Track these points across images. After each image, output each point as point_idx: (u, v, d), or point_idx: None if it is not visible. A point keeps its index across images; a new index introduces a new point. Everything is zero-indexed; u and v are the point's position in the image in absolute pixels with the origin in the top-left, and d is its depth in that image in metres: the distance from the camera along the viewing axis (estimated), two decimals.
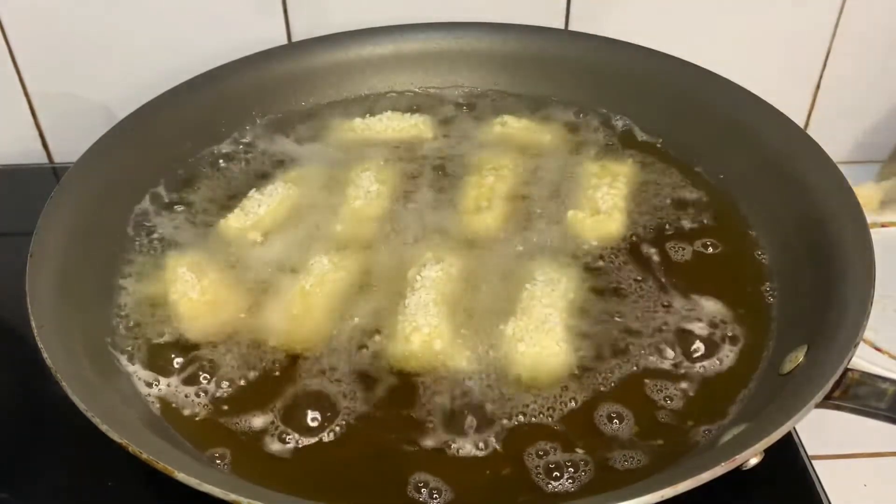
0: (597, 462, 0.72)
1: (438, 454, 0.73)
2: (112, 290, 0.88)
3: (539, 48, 1.13)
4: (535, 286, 0.85)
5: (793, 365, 0.75)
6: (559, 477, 0.71)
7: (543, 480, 0.71)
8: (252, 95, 1.09)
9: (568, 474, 0.71)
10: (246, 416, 0.77)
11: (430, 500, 0.70)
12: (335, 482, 0.72)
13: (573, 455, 0.73)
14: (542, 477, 0.71)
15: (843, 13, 1.16)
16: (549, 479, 0.71)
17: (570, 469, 0.72)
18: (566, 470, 0.72)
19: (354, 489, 0.72)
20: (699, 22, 1.17)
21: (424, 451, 0.73)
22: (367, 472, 0.73)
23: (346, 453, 0.74)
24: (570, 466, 0.72)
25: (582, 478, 0.71)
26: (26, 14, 1.12)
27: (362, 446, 0.75)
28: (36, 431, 0.84)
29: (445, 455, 0.73)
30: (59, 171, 1.21)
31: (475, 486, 0.71)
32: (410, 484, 0.71)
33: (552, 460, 0.72)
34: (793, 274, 0.87)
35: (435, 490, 0.71)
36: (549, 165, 1.03)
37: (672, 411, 0.77)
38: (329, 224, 0.95)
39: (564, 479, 0.71)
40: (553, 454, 0.73)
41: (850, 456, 0.89)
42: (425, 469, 0.72)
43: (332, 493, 0.70)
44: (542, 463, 0.72)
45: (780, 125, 0.96)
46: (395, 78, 1.15)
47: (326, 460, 0.74)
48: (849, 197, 0.85)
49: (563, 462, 0.72)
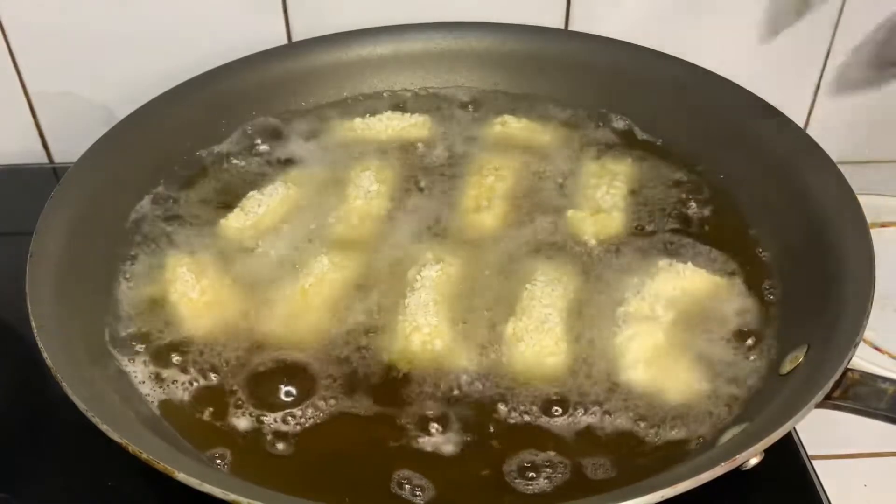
0: (591, 462, 0.72)
1: (433, 453, 0.73)
2: (112, 289, 0.88)
3: (539, 48, 1.13)
4: (535, 286, 0.85)
5: (793, 365, 0.75)
6: (549, 479, 0.71)
7: (540, 481, 0.71)
8: (252, 95, 1.09)
9: (559, 475, 0.71)
10: (246, 416, 0.77)
11: (413, 497, 0.70)
12: (331, 480, 0.72)
13: (573, 454, 0.73)
14: (537, 478, 0.71)
15: (843, 13, 1.16)
16: (537, 480, 0.71)
17: (561, 469, 0.72)
18: (557, 470, 0.72)
19: (344, 485, 0.72)
20: (699, 22, 1.17)
21: (422, 451, 0.73)
22: (356, 469, 0.73)
23: (343, 451, 0.74)
24: (560, 467, 0.72)
25: (575, 477, 0.71)
26: (26, 14, 1.12)
27: (357, 444, 0.75)
28: (36, 431, 0.84)
29: (443, 455, 0.73)
30: (59, 171, 1.21)
31: (463, 485, 0.72)
32: (394, 480, 0.71)
33: (551, 461, 0.72)
34: (793, 274, 0.87)
35: (418, 487, 0.71)
36: (549, 165, 1.03)
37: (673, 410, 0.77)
38: (329, 224, 0.95)
39: (554, 479, 0.71)
40: (553, 454, 0.73)
41: (850, 456, 0.89)
42: (414, 467, 0.72)
43: (327, 491, 0.70)
44: (542, 462, 0.72)
45: (780, 125, 0.96)
46: (395, 78, 1.15)
47: (323, 459, 0.74)
48: (849, 197, 0.84)
49: (553, 461, 0.72)
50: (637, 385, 0.78)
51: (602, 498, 0.65)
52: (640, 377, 0.78)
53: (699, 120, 1.03)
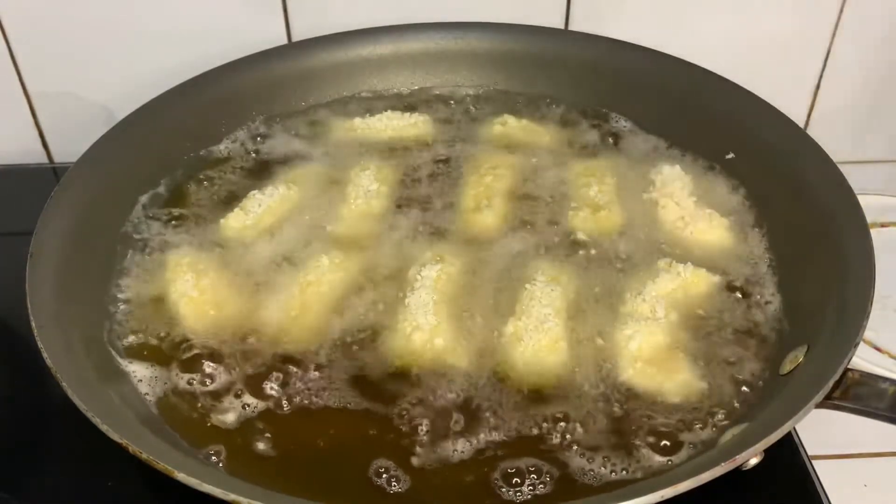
0: (592, 463, 0.72)
1: (429, 452, 0.73)
2: (112, 289, 0.88)
3: (539, 48, 1.13)
4: (534, 286, 0.85)
5: (793, 365, 0.75)
6: (549, 479, 0.71)
7: (532, 481, 0.71)
8: (252, 95, 1.09)
9: (559, 475, 0.71)
10: (245, 415, 0.77)
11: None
12: (330, 479, 0.73)
13: (570, 456, 0.73)
14: (531, 478, 0.71)
15: (843, 13, 1.16)
16: (537, 480, 0.71)
17: (561, 469, 0.72)
18: (557, 470, 0.72)
19: (337, 482, 0.72)
20: (699, 22, 1.17)
21: (419, 450, 0.73)
22: (353, 466, 0.73)
23: (342, 450, 0.75)
24: (560, 467, 0.72)
25: (574, 478, 0.71)
26: (26, 14, 1.12)
27: (357, 443, 0.75)
28: (36, 431, 0.84)
29: (439, 455, 0.73)
30: (59, 171, 1.21)
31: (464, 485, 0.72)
32: (380, 477, 0.71)
33: (545, 460, 0.72)
34: (793, 273, 0.87)
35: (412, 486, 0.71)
36: (549, 165, 1.03)
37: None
38: (329, 223, 0.95)
39: (555, 479, 0.71)
40: (550, 455, 0.73)
41: (850, 456, 0.89)
42: (409, 467, 0.72)
43: (325, 490, 0.71)
44: (539, 463, 0.72)
45: (780, 125, 0.96)
46: (395, 78, 1.15)
47: (322, 458, 0.74)
48: (849, 197, 0.85)
49: (554, 461, 0.72)
50: (637, 384, 0.78)
51: (602, 498, 0.65)
52: (639, 376, 0.78)
53: (699, 120, 1.03)
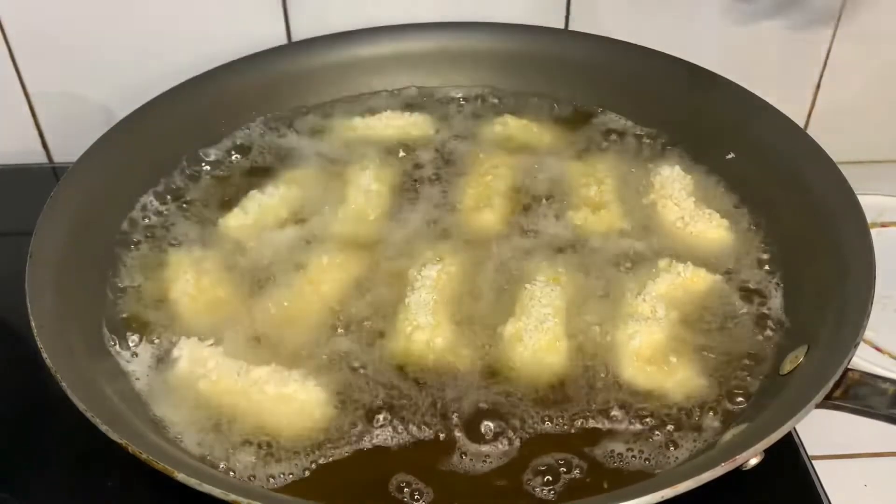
0: (593, 463, 0.72)
1: (431, 454, 0.73)
2: (112, 289, 0.88)
3: (539, 48, 1.13)
4: (534, 286, 0.85)
5: (793, 365, 0.75)
6: (553, 480, 0.71)
7: (537, 482, 0.71)
8: (252, 95, 1.09)
9: (563, 476, 0.71)
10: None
11: (412, 501, 0.70)
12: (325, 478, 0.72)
13: (569, 455, 0.73)
14: (536, 479, 0.71)
15: (842, 13, 1.16)
16: (541, 482, 0.71)
17: (564, 471, 0.72)
18: (560, 471, 0.72)
19: (340, 486, 0.72)
20: (699, 22, 1.17)
21: (420, 452, 0.74)
22: (354, 468, 0.73)
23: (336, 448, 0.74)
24: (563, 468, 0.72)
25: (577, 478, 0.71)
26: (26, 14, 1.12)
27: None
28: (36, 431, 0.84)
29: (437, 455, 0.73)
30: (59, 171, 1.21)
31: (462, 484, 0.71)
32: (392, 484, 0.71)
33: (548, 461, 0.72)
34: (793, 273, 0.87)
35: (416, 490, 0.71)
36: (549, 164, 1.03)
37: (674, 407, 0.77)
38: (329, 223, 0.95)
39: (559, 481, 0.71)
40: (549, 455, 0.73)
41: (850, 456, 0.89)
42: (410, 469, 0.72)
43: (324, 491, 0.70)
44: (538, 463, 0.72)
45: (781, 125, 0.96)
46: (395, 78, 1.15)
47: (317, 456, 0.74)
48: (849, 197, 0.84)
49: (556, 463, 0.72)
50: (637, 384, 0.78)
51: (602, 498, 0.65)
52: (640, 376, 0.78)
53: (700, 120, 1.03)
